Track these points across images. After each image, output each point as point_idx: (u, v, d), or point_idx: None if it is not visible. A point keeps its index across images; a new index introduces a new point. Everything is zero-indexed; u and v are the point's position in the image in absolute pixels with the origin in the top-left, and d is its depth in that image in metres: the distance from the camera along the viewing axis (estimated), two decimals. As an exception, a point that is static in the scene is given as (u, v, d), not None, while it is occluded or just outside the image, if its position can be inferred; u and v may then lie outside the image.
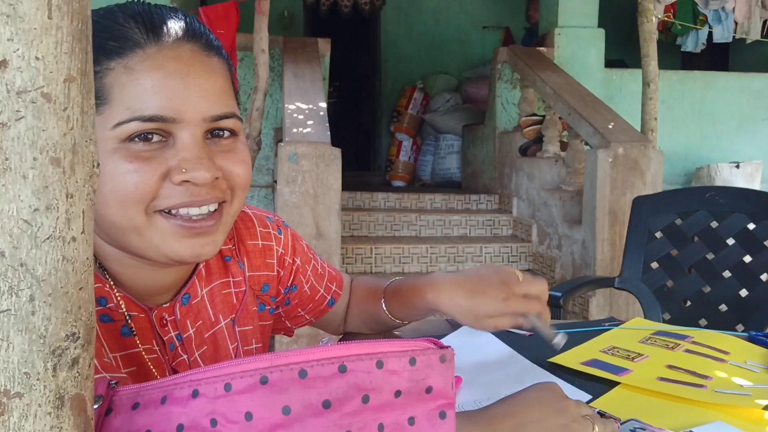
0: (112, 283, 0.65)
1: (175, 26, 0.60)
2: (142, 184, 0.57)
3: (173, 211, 0.59)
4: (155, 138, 0.58)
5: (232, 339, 0.76)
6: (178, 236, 0.60)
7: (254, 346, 0.80)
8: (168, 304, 0.69)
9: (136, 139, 0.57)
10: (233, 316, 0.76)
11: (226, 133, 0.63)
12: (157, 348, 0.68)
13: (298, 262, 0.86)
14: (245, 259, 0.79)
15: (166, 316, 0.69)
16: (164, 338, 0.68)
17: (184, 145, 0.59)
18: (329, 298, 0.93)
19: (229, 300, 0.76)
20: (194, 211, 0.60)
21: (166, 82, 0.57)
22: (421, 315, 0.90)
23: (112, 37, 0.58)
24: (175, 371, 0.69)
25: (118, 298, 0.65)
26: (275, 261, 0.82)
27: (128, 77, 0.57)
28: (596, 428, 0.61)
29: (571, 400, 0.64)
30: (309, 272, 0.89)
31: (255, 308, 0.80)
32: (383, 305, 0.91)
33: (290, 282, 0.86)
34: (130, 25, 0.58)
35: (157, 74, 0.57)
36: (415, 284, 0.87)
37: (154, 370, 0.67)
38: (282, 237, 0.84)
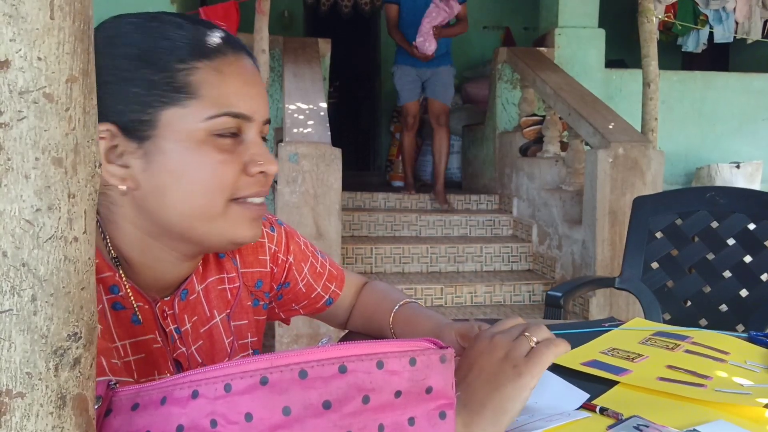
0: (121, 272, 0.67)
1: (240, 43, 0.69)
2: (230, 173, 0.64)
3: (245, 200, 0.67)
4: (229, 134, 0.65)
5: (228, 333, 0.78)
6: (247, 221, 0.67)
7: (249, 339, 0.81)
8: (168, 298, 0.71)
9: (219, 133, 0.64)
10: (228, 311, 0.78)
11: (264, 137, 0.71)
12: (160, 339, 0.70)
13: (291, 259, 0.87)
14: (237, 256, 0.81)
15: (167, 310, 0.71)
16: (166, 330, 0.71)
17: (253, 141, 0.67)
18: (327, 297, 0.93)
19: (224, 295, 0.78)
20: (258, 199, 0.68)
21: (246, 87, 0.66)
22: None
23: (205, 41, 0.64)
24: (176, 362, 0.71)
25: (127, 288, 0.67)
26: (268, 257, 0.84)
27: (217, 78, 0.63)
28: (533, 340, 0.64)
29: (502, 331, 0.67)
30: (305, 270, 0.89)
31: (249, 303, 0.82)
32: (390, 324, 0.90)
33: (283, 279, 0.87)
34: (219, 37, 0.66)
35: (240, 79, 0.65)
36: (426, 325, 0.85)
37: (159, 359, 0.69)
38: (275, 234, 0.86)
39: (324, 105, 3.53)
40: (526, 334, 0.65)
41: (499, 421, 0.58)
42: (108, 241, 0.66)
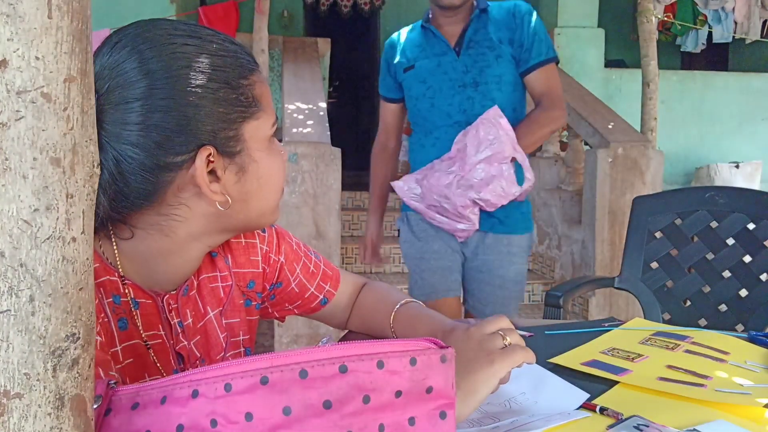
0: (121, 272, 0.68)
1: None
2: (285, 167, 0.73)
3: None
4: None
5: (221, 329, 0.79)
6: (279, 207, 0.75)
7: (241, 337, 0.82)
8: (173, 293, 0.73)
9: (273, 134, 0.71)
10: (220, 308, 0.79)
11: None
12: (162, 332, 0.71)
13: (282, 259, 0.88)
14: (229, 256, 0.82)
15: (171, 303, 0.72)
16: (171, 323, 0.72)
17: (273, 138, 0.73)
18: (321, 297, 0.93)
19: (217, 293, 0.79)
20: None
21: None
22: None
23: (244, 58, 0.68)
24: (179, 354, 0.73)
25: (126, 286, 0.68)
26: (260, 258, 0.85)
27: (263, 89, 0.69)
28: (507, 339, 0.71)
29: (480, 325, 0.73)
30: (298, 270, 0.90)
31: (241, 302, 0.83)
32: (390, 324, 0.90)
33: (276, 279, 0.88)
34: (243, 49, 0.70)
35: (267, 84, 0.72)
36: (427, 325, 0.85)
37: (154, 357, 0.70)
38: (266, 235, 0.86)
39: (323, 105, 3.53)
40: (500, 332, 0.71)
41: (468, 401, 0.64)
42: (114, 242, 0.67)
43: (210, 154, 0.63)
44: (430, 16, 1.74)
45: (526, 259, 1.83)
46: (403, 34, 1.82)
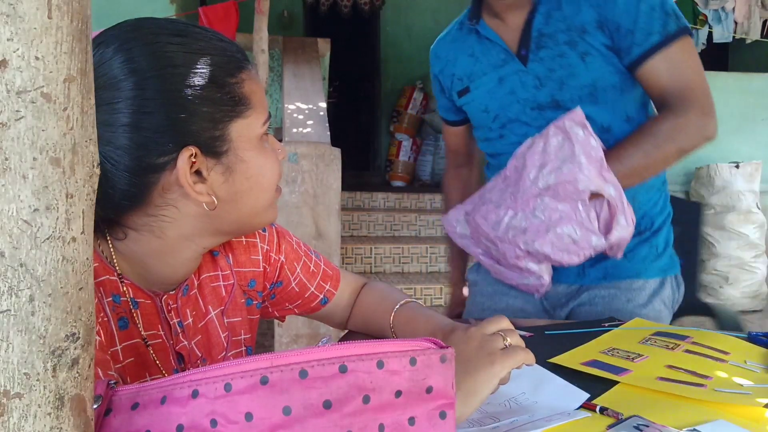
0: (119, 271, 0.68)
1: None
2: (279, 165, 0.71)
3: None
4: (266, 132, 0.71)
5: (223, 329, 0.79)
6: (274, 204, 0.73)
7: (242, 336, 0.82)
8: (173, 293, 0.73)
9: (266, 132, 0.70)
10: (222, 308, 0.79)
11: None
12: (162, 333, 0.71)
13: (282, 258, 0.88)
14: (230, 255, 0.82)
15: (171, 303, 0.72)
16: (170, 323, 0.72)
17: (268, 136, 0.72)
18: (321, 297, 0.93)
19: (219, 292, 0.79)
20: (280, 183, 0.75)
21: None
22: None
23: (233, 55, 0.67)
24: (179, 354, 0.73)
25: (125, 286, 0.68)
26: (260, 257, 0.85)
27: (253, 86, 0.68)
28: (507, 339, 0.70)
29: (480, 326, 0.73)
30: (298, 270, 0.90)
31: (242, 301, 0.83)
32: (390, 324, 0.90)
33: (276, 278, 0.88)
34: (234, 47, 0.68)
35: (258, 81, 0.71)
36: (426, 325, 0.85)
37: (154, 357, 0.70)
38: (266, 234, 0.86)
39: (323, 105, 3.54)
40: (501, 333, 0.71)
41: (469, 402, 0.64)
42: (111, 243, 0.67)
43: (192, 155, 0.62)
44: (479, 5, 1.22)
45: (662, 313, 1.22)
46: (448, 38, 1.31)
